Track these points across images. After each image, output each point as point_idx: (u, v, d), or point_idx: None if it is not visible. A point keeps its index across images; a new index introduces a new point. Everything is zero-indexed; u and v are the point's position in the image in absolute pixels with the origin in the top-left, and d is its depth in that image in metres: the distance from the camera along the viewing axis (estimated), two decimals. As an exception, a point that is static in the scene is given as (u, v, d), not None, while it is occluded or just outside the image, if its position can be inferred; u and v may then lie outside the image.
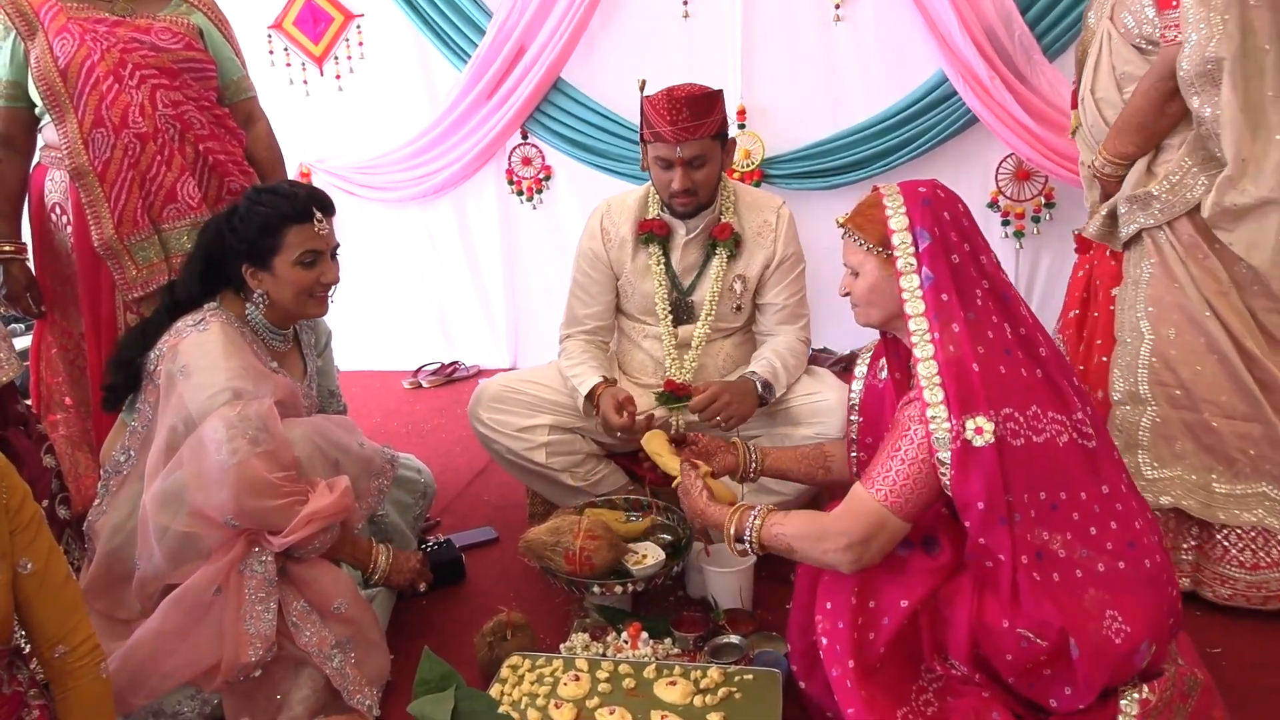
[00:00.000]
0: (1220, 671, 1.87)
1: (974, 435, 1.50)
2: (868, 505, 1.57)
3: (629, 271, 2.43)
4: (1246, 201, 1.97)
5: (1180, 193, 2.06)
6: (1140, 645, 1.51)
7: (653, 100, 2.25)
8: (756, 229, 2.40)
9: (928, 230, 1.59)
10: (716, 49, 3.88)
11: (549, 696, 1.82)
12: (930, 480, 1.55)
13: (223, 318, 1.97)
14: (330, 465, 1.98)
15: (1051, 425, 1.55)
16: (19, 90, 2.29)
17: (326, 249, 2.01)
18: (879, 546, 1.57)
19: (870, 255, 1.67)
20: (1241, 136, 1.96)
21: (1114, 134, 2.17)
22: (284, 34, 4.32)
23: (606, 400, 2.27)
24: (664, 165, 2.28)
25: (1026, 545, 1.52)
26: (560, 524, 2.13)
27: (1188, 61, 1.97)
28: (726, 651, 1.97)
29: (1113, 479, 1.60)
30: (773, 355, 2.36)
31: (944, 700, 1.60)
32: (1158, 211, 2.09)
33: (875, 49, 3.77)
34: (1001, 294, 1.62)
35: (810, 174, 3.89)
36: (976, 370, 1.52)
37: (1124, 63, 2.16)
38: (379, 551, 2.06)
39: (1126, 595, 1.53)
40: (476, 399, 2.43)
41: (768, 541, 1.70)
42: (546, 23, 3.90)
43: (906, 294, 1.59)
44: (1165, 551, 1.62)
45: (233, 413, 1.80)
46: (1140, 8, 2.08)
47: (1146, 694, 1.52)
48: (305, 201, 1.98)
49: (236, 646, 1.76)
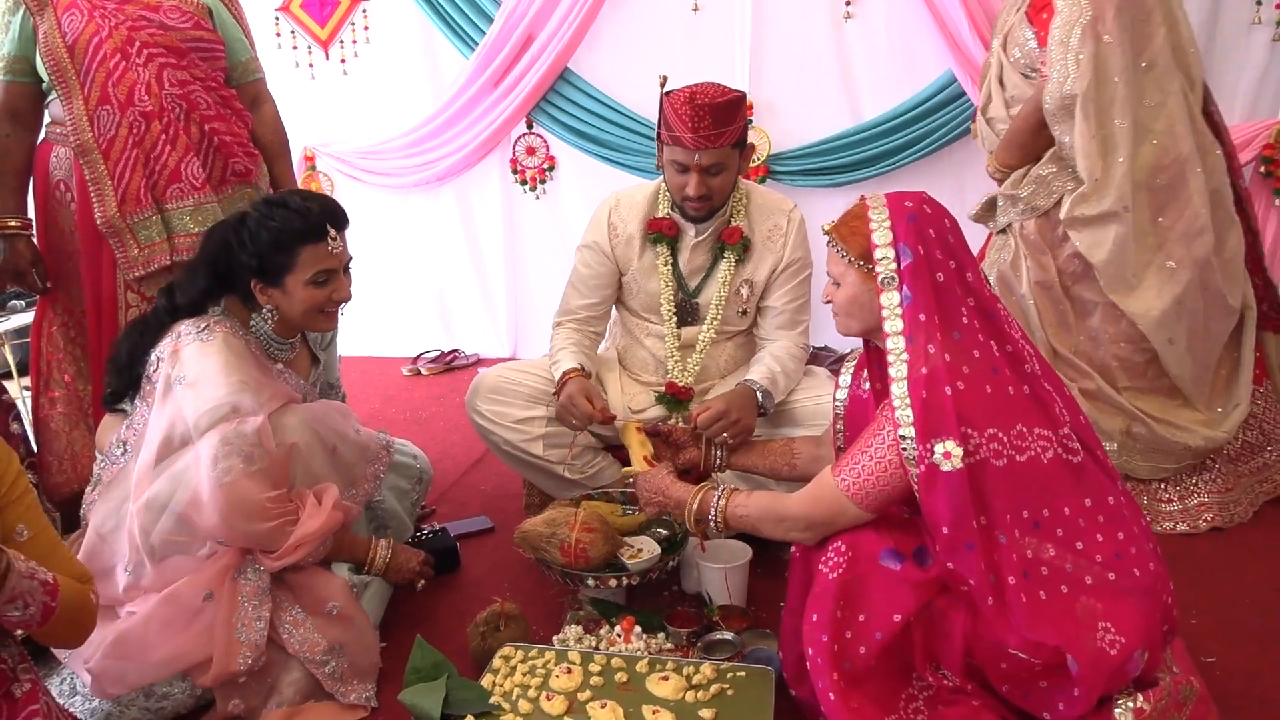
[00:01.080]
0: (1214, 680, 1.87)
1: (942, 459, 1.50)
2: (831, 493, 1.62)
3: (635, 269, 2.40)
4: (1093, 213, 2.41)
5: (1038, 199, 2.53)
6: (1134, 654, 1.50)
7: (674, 103, 2.18)
8: (767, 233, 2.36)
9: (911, 247, 1.57)
10: (725, 43, 3.87)
11: (541, 688, 1.81)
12: (896, 481, 1.56)
13: (227, 326, 1.93)
14: (328, 451, 1.98)
15: (1037, 442, 1.54)
16: (26, 65, 2.28)
17: (340, 266, 1.97)
18: (839, 528, 1.63)
19: (852, 267, 1.66)
20: (1094, 161, 2.38)
21: (1001, 147, 2.61)
22: (291, 16, 4.31)
23: (571, 386, 2.24)
24: (680, 169, 2.22)
25: (1013, 565, 1.51)
26: (556, 516, 2.13)
27: (1049, 97, 2.39)
28: (720, 648, 1.97)
29: (1098, 492, 1.59)
30: (772, 361, 2.33)
31: (935, 709, 1.59)
32: (1021, 210, 2.57)
33: (885, 47, 3.77)
34: (988, 311, 1.61)
35: (816, 171, 3.89)
36: (949, 393, 1.51)
37: (1013, 87, 2.58)
38: (377, 546, 2.05)
39: (1117, 605, 1.52)
40: (474, 390, 2.42)
41: (733, 522, 1.77)
42: (555, 12, 3.89)
43: (886, 311, 1.58)
44: (1158, 558, 1.61)
45: (230, 428, 1.79)
46: (1024, 41, 2.50)
47: (1141, 703, 1.51)
48: (319, 219, 1.92)
49: (227, 655, 1.77)
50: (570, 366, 2.32)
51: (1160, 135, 2.39)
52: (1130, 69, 2.35)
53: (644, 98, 3.95)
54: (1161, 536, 1.65)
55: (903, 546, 1.60)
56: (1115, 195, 2.38)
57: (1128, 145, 2.37)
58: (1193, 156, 2.40)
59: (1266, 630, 2.11)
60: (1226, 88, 3.54)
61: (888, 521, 1.64)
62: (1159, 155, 2.39)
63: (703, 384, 2.42)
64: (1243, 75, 3.52)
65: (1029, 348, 1.64)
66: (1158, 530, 2.46)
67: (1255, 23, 3.45)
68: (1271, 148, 3.48)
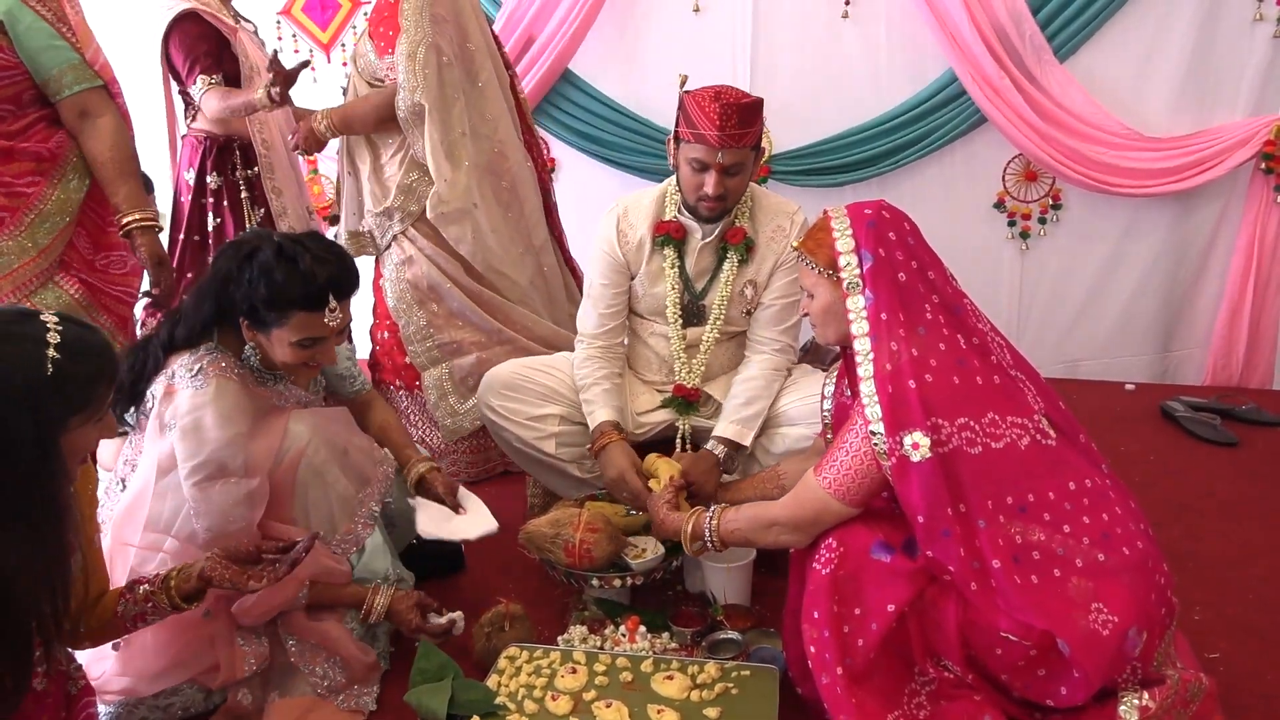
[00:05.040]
0: (1219, 677, 1.86)
1: (910, 450, 1.55)
2: (814, 492, 1.67)
3: (643, 273, 2.39)
4: (449, 210, 2.77)
5: (410, 205, 2.82)
6: (1128, 632, 1.51)
7: (699, 101, 2.16)
8: (770, 234, 2.35)
9: (871, 251, 1.64)
10: (726, 43, 3.87)
11: (546, 688, 1.82)
12: (873, 473, 1.61)
13: (220, 366, 1.90)
14: (339, 454, 1.98)
15: (1011, 430, 1.59)
16: None
17: (329, 335, 1.92)
18: (826, 525, 1.67)
19: (821, 278, 1.72)
20: (441, 164, 2.73)
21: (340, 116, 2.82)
22: (292, 20, 4.31)
23: (618, 459, 2.23)
24: (698, 167, 2.21)
25: (999, 550, 1.53)
26: (560, 516, 2.13)
27: (402, 105, 2.68)
28: (724, 647, 1.97)
29: (1079, 475, 1.62)
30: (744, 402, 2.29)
31: (937, 704, 1.61)
32: (400, 219, 2.84)
33: (885, 47, 3.76)
34: (952, 306, 1.67)
35: (818, 171, 3.88)
36: (913, 386, 1.56)
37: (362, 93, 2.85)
38: (375, 595, 1.99)
39: (1109, 584, 1.54)
40: (487, 385, 2.41)
41: (726, 538, 1.85)
42: (556, 13, 3.88)
43: (852, 314, 1.65)
44: (1148, 537, 1.63)
45: (214, 488, 1.80)
46: (366, 53, 2.78)
47: (1146, 700, 1.52)
48: (322, 289, 1.87)
49: (232, 665, 1.82)
50: (605, 420, 2.29)
51: (499, 144, 2.85)
52: (469, 87, 2.78)
53: (645, 98, 3.95)
54: (1163, 536, 1.65)
55: (892, 538, 1.64)
56: (464, 194, 2.77)
57: (470, 151, 2.77)
58: (522, 165, 2.91)
59: (1270, 627, 2.11)
60: (1228, 84, 3.54)
61: (876, 515, 1.68)
62: (498, 160, 2.84)
63: (708, 381, 2.42)
64: (1244, 71, 3.52)
65: (997, 339, 1.70)
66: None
67: (1257, 19, 3.45)
68: (1272, 144, 3.47)
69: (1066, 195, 3.76)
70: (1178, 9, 3.49)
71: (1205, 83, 3.56)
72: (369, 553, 2.06)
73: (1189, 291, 3.82)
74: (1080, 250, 3.84)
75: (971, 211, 3.86)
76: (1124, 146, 3.57)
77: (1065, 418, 1.69)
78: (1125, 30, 3.56)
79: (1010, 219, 3.84)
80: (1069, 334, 3.92)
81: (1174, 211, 3.71)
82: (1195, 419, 3.31)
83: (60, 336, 1.35)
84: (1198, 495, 2.81)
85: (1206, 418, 3.30)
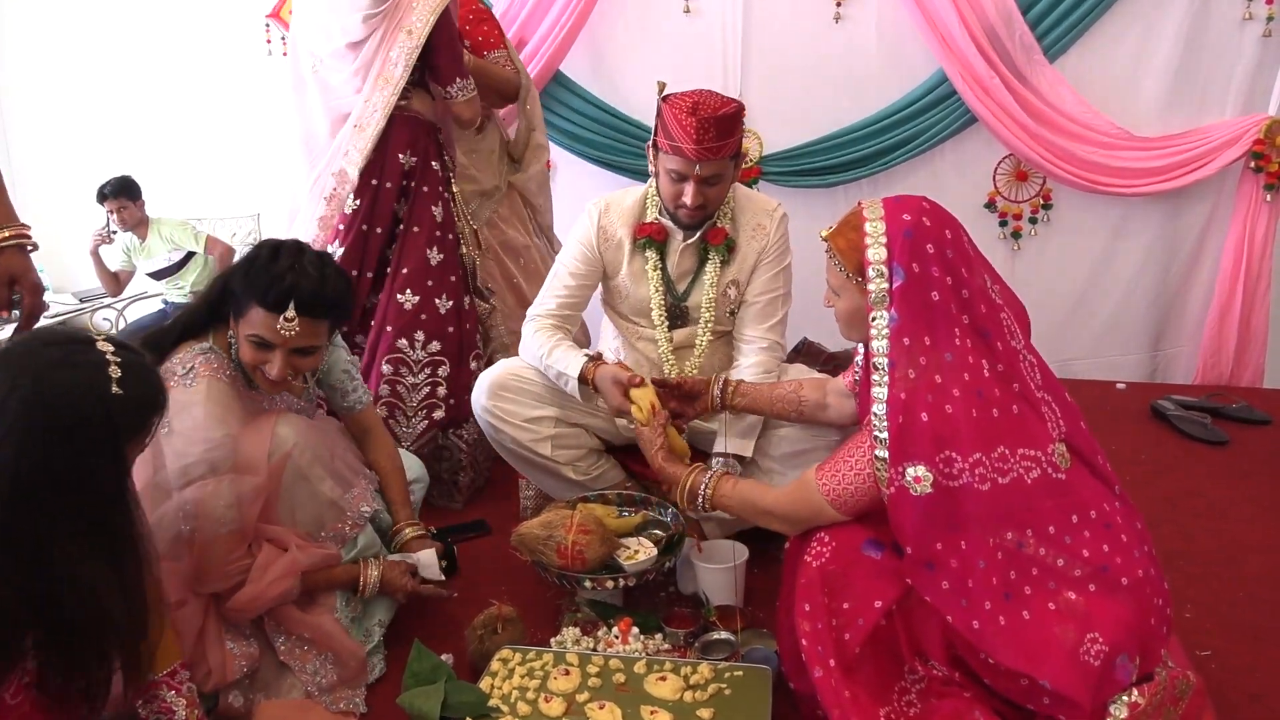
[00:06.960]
0: (1209, 674, 1.88)
1: (912, 483, 1.53)
2: (812, 494, 1.68)
3: (624, 274, 2.39)
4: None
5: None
6: (1117, 659, 1.49)
7: (676, 112, 2.13)
8: (751, 232, 2.35)
9: (904, 266, 1.56)
10: (717, 44, 3.87)
11: (539, 690, 1.82)
12: (871, 492, 1.61)
13: (212, 365, 1.89)
14: (327, 459, 1.99)
15: (1020, 463, 1.54)
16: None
17: (280, 345, 1.86)
18: (818, 525, 1.69)
19: (849, 282, 1.66)
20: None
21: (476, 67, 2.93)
22: (281, 23, 4.29)
23: (607, 385, 2.17)
24: (676, 178, 2.20)
25: (992, 589, 1.51)
26: (553, 518, 2.13)
27: (524, 84, 3.16)
28: (717, 648, 1.97)
29: (1084, 506, 1.58)
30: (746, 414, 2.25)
31: (927, 701, 1.61)
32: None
33: (875, 47, 3.78)
34: (981, 329, 1.59)
35: (808, 171, 3.89)
36: (926, 419, 1.52)
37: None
38: (367, 570, 2.01)
39: (1103, 614, 1.52)
40: (482, 387, 2.40)
41: (718, 505, 1.89)
42: (548, 16, 3.88)
43: (874, 329, 1.59)
44: (1150, 561, 1.60)
45: (204, 488, 1.78)
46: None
47: (1135, 697, 1.51)
48: (283, 293, 1.82)
49: (223, 667, 1.81)
50: (584, 362, 2.23)
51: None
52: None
53: (637, 100, 3.95)
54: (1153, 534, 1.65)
55: (883, 536, 1.64)
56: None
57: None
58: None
59: (1261, 624, 2.11)
60: (1217, 83, 3.56)
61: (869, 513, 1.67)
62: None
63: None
64: (1234, 71, 3.54)
65: (1030, 357, 1.64)
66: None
67: (1246, 18, 3.47)
68: (1261, 143, 3.49)
69: (1057, 195, 3.78)
70: (1167, 9, 3.51)
71: (1195, 82, 3.58)
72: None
73: (1179, 290, 3.84)
74: (1071, 249, 3.85)
75: (962, 211, 3.74)
76: (1114, 146, 3.59)
77: (1085, 439, 1.63)
78: (1115, 30, 3.58)
79: (1001, 219, 3.85)
80: (1060, 333, 3.93)
81: (1164, 211, 3.73)
82: (1186, 418, 3.32)
83: (120, 362, 1.35)
84: (1188, 494, 2.82)
85: (1197, 416, 3.32)
